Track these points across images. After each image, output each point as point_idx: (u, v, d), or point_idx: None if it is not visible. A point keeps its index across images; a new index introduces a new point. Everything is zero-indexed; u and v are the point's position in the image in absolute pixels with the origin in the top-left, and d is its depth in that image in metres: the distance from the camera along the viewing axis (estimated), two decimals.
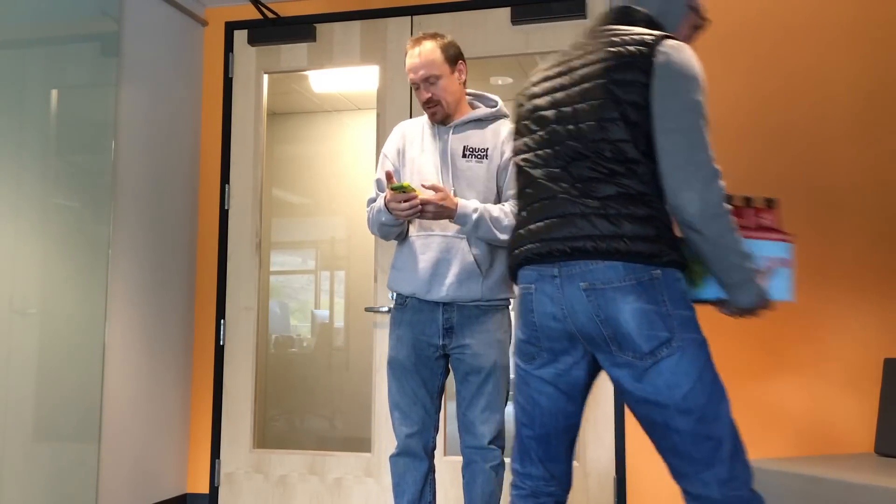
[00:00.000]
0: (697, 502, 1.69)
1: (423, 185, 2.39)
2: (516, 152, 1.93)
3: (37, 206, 2.99)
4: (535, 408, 1.85)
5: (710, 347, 1.72)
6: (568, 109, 1.81)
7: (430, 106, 2.56)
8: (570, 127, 1.79)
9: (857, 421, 3.16)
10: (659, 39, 1.74)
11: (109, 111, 3.38)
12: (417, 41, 2.55)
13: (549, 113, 1.85)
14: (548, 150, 1.83)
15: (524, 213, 1.87)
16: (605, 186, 1.72)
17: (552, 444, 1.88)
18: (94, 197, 3.29)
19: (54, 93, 3.12)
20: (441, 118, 2.58)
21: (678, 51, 1.72)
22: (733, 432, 1.69)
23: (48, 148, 3.07)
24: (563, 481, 1.91)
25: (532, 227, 1.82)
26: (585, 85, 1.78)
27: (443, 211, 2.39)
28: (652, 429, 1.72)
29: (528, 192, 1.86)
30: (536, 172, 1.84)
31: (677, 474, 1.72)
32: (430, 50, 2.52)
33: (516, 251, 1.86)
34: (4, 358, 2.86)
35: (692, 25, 1.96)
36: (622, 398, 1.77)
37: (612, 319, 1.68)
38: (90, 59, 3.31)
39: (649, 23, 1.86)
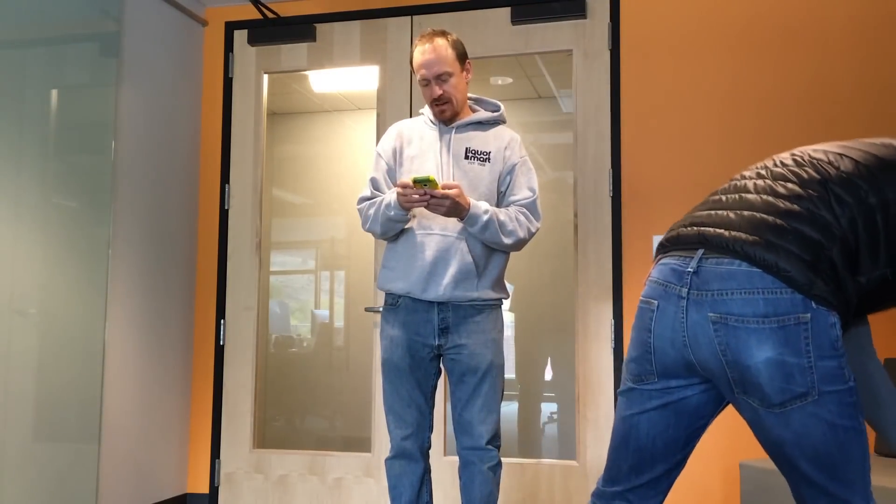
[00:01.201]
0: None
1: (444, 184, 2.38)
2: None
3: (37, 206, 2.99)
4: (632, 429, 1.63)
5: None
6: None
7: (441, 103, 2.53)
8: None
9: None
10: None
11: (109, 111, 3.38)
12: (429, 37, 2.53)
13: None
14: None
15: None
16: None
17: (644, 473, 1.63)
18: (94, 197, 3.29)
19: (54, 93, 3.12)
20: (449, 116, 2.57)
21: None
22: (864, 480, 1.49)
23: (48, 148, 3.07)
24: None
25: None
26: None
27: (457, 207, 2.37)
28: (778, 460, 1.55)
29: None
30: None
31: (799, 499, 1.56)
32: (443, 46, 2.51)
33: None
34: (4, 358, 2.86)
35: None
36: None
37: (740, 365, 1.46)
38: (90, 59, 3.31)
39: None
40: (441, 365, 2.59)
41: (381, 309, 3.58)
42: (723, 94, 3.40)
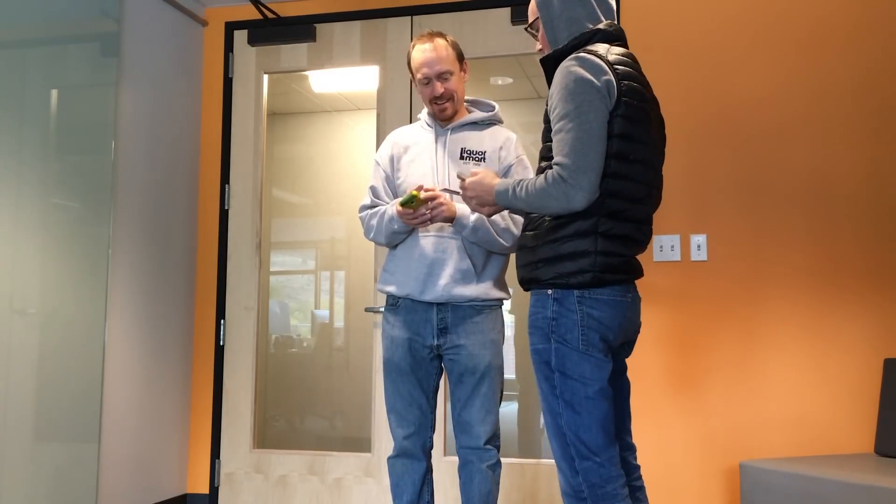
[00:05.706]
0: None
1: (423, 189, 2.41)
2: (621, 133, 1.92)
3: (37, 206, 2.99)
4: (609, 393, 2.03)
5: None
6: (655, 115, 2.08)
7: (442, 101, 2.56)
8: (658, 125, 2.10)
9: (857, 421, 3.16)
10: None
11: (109, 111, 3.38)
12: (429, 37, 2.57)
13: (651, 112, 2.00)
14: (651, 150, 1.98)
15: (633, 211, 1.99)
16: None
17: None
18: (94, 197, 3.29)
19: (54, 93, 3.12)
20: (451, 114, 2.59)
21: None
22: None
23: (48, 148, 3.07)
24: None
25: (645, 230, 2.05)
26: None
27: (442, 217, 2.43)
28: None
29: (633, 187, 1.96)
30: (638, 168, 1.96)
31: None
32: (443, 46, 2.56)
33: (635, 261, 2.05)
34: (4, 358, 2.86)
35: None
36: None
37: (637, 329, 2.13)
38: (90, 59, 3.31)
39: None
40: (441, 365, 2.60)
41: (381, 309, 3.59)
42: (723, 94, 3.40)
